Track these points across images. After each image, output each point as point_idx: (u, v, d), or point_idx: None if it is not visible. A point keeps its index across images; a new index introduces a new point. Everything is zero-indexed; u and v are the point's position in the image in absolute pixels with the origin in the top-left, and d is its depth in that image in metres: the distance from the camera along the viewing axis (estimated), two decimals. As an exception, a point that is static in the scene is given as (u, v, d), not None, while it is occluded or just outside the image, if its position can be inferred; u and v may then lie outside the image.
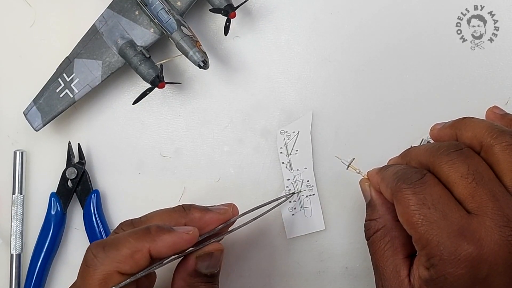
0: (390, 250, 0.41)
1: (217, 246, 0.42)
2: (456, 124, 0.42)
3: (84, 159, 0.50)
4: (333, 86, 0.50)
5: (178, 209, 0.43)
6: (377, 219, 0.43)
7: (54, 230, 0.50)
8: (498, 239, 0.35)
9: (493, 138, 0.38)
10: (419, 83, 0.50)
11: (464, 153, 0.38)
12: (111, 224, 0.51)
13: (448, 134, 0.42)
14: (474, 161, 0.38)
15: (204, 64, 0.46)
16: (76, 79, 0.48)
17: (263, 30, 0.51)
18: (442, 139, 0.44)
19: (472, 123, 0.41)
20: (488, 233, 0.35)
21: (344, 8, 0.50)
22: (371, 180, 0.43)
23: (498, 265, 0.35)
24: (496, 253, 0.35)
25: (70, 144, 0.50)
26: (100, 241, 0.40)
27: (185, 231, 0.40)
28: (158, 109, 0.51)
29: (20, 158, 0.50)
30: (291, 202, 0.49)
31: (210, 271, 0.41)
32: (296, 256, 0.50)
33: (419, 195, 0.37)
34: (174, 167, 0.51)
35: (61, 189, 0.50)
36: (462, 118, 0.42)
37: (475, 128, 0.40)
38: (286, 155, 0.50)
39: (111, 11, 0.49)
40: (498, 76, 0.49)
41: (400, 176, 0.39)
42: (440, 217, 0.36)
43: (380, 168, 0.43)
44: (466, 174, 0.37)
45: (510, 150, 0.38)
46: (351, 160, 0.48)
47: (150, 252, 0.39)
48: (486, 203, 0.36)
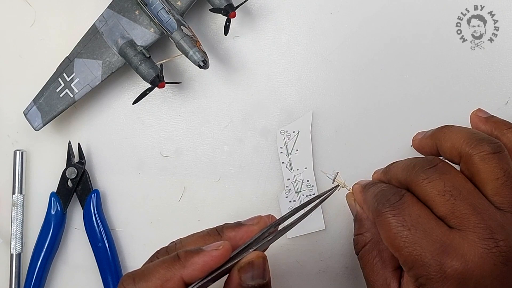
0: (379, 263, 0.42)
1: (257, 253, 0.39)
2: (435, 134, 0.42)
3: (84, 159, 0.50)
4: (333, 85, 0.50)
5: (212, 232, 0.41)
6: (364, 233, 0.43)
7: (54, 230, 0.50)
8: (482, 253, 0.35)
9: (472, 147, 0.38)
10: (419, 83, 0.50)
11: (439, 169, 0.38)
12: (111, 223, 0.51)
13: (429, 145, 0.42)
14: (450, 176, 0.38)
15: (204, 64, 0.46)
16: (76, 79, 0.48)
17: (263, 30, 0.51)
18: (423, 150, 0.44)
19: (451, 132, 0.41)
20: (471, 247, 0.35)
21: (344, 8, 0.50)
22: (356, 197, 0.44)
23: (484, 277, 0.35)
24: (481, 267, 0.35)
25: (70, 144, 0.50)
26: (131, 272, 0.38)
27: (214, 248, 0.38)
28: (158, 109, 0.51)
29: (20, 158, 0.50)
30: (291, 202, 0.49)
31: (257, 282, 0.38)
32: (296, 256, 0.50)
33: (398, 217, 0.37)
34: (174, 166, 0.51)
35: (61, 189, 0.50)
36: (441, 127, 0.42)
37: (454, 138, 0.40)
38: (286, 154, 0.50)
39: (111, 10, 0.49)
40: (498, 76, 0.49)
41: (379, 199, 0.39)
42: (422, 236, 0.36)
43: (363, 187, 0.43)
44: (443, 191, 0.37)
45: (489, 159, 0.38)
46: (336, 174, 0.48)
47: (183, 279, 0.37)
48: (467, 217, 0.36)
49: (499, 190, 0.38)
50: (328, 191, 0.43)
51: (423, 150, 0.44)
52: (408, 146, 0.49)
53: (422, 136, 0.44)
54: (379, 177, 0.44)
